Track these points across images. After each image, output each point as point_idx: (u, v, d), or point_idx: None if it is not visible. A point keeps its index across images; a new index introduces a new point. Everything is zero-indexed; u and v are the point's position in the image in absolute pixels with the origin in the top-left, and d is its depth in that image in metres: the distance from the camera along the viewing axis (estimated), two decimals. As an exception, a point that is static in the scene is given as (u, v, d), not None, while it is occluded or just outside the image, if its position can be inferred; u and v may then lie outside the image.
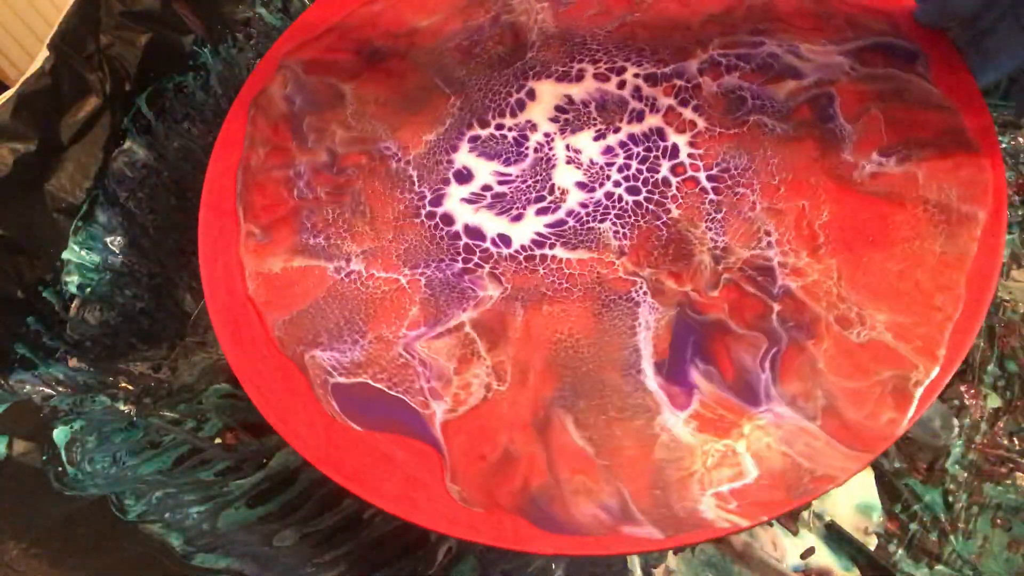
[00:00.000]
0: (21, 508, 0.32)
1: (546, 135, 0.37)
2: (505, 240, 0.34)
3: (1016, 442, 0.39)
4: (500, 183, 0.36)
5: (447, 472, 0.29)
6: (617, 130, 0.36)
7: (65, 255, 0.42)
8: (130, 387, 0.43)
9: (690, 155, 0.35)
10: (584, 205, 0.34)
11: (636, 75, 0.37)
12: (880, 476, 0.38)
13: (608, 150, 0.36)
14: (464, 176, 0.36)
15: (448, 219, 0.35)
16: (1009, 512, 0.37)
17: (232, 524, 0.36)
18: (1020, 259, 0.43)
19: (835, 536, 0.37)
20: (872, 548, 0.37)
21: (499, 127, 0.38)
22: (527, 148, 0.36)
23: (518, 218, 0.35)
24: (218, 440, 0.42)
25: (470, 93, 0.39)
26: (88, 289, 0.44)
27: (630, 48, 0.38)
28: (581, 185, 0.35)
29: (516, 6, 0.41)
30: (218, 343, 0.34)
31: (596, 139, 0.36)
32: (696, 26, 0.38)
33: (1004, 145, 0.46)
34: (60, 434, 0.36)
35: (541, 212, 0.35)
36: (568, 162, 0.36)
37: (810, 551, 0.37)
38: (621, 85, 0.37)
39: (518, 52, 0.40)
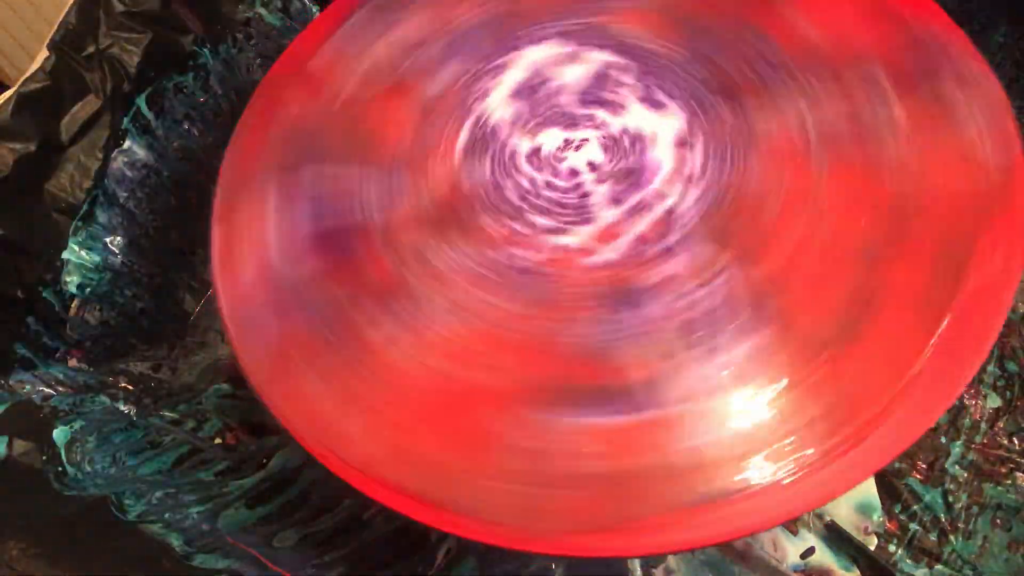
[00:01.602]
0: (21, 508, 0.32)
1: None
2: None
3: (1016, 442, 0.39)
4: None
5: None
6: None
7: (65, 255, 0.42)
8: (130, 387, 0.43)
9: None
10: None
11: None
12: (880, 476, 0.38)
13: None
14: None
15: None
16: (1009, 512, 0.37)
17: (232, 524, 0.36)
18: (1020, 259, 0.43)
19: (835, 536, 0.37)
20: (872, 548, 0.37)
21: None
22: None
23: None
24: (218, 440, 0.42)
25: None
26: (88, 289, 0.44)
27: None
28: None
29: None
30: (218, 343, 0.34)
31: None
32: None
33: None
34: (60, 434, 0.36)
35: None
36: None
37: (810, 551, 0.37)
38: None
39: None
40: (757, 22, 0.37)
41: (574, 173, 0.35)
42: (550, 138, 0.36)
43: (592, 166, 0.35)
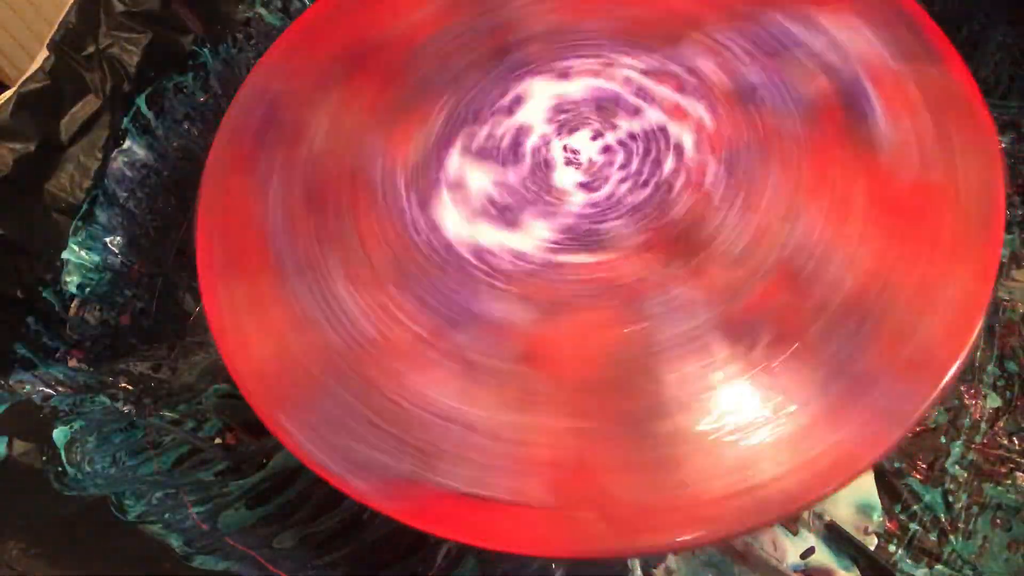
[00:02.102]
0: (21, 508, 0.32)
1: (542, 137, 0.36)
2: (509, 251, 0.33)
3: (1016, 442, 0.39)
4: (497, 188, 0.35)
5: None
6: (615, 128, 0.36)
7: (65, 255, 0.42)
8: (130, 387, 0.43)
9: (696, 149, 0.34)
10: (592, 206, 0.34)
11: (632, 68, 0.37)
12: (880, 476, 0.38)
13: (607, 149, 0.35)
14: (455, 184, 0.35)
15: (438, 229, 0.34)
16: (1009, 512, 0.37)
17: (232, 525, 0.36)
18: (1020, 259, 0.43)
19: (835, 536, 0.37)
20: (872, 548, 0.37)
21: (492, 131, 0.37)
22: (523, 151, 0.36)
23: (515, 224, 0.34)
24: (218, 440, 0.42)
25: (460, 95, 0.37)
26: (88, 289, 0.44)
27: (620, 41, 0.38)
28: (583, 186, 0.35)
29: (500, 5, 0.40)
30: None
31: (594, 139, 0.36)
32: (682, 4, 0.37)
33: (1004, 145, 0.46)
34: (60, 434, 0.36)
35: (542, 216, 0.34)
36: (567, 163, 0.35)
37: (810, 551, 0.37)
38: (616, 80, 0.37)
39: (505, 51, 0.39)
40: None
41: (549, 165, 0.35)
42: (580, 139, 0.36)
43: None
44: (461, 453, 0.28)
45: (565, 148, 0.36)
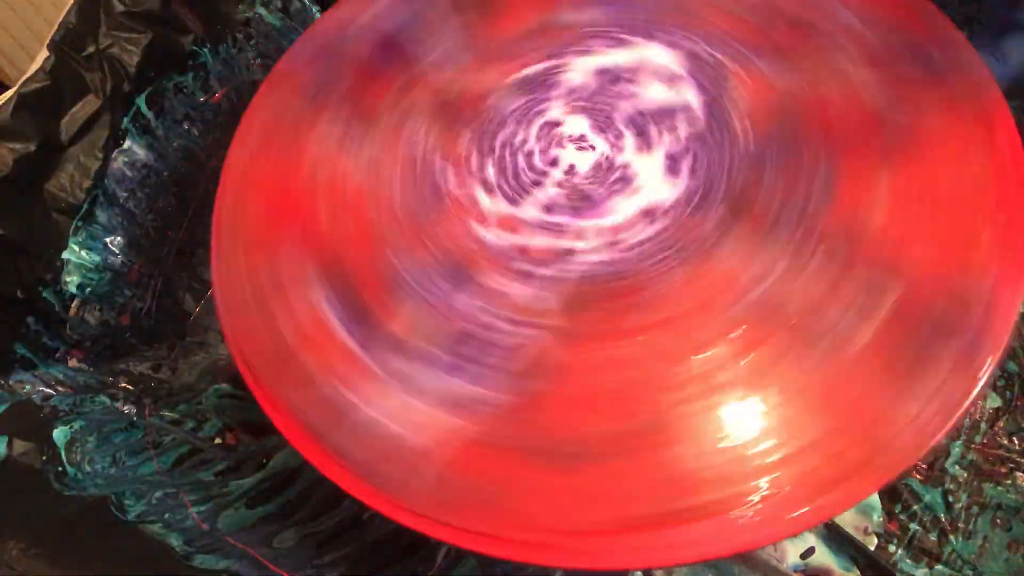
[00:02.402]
0: (21, 508, 0.32)
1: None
2: None
3: (1016, 442, 0.39)
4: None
5: None
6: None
7: (65, 255, 0.42)
8: (130, 387, 0.43)
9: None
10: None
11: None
12: (880, 476, 0.38)
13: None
14: None
15: None
16: (1009, 512, 0.37)
17: (232, 525, 0.36)
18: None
19: (835, 536, 0.37)
20: (872, 548, 0.37)
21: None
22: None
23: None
24: (218, 440, 0.42)
25: None
26: (88, 289, 0.44)
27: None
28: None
29: None
30: (218, 343, 0.34)
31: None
32: None
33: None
34: (60, 434, 0.36)
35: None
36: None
37: (810, 551, 0.37)
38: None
39: None
40: None
41: (553, 163, 0.35)
42: (575, 123, 0.36)
43: (570, 170, 0.35)
44: None
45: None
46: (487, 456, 0.29)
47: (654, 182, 0.34)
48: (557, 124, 0.37)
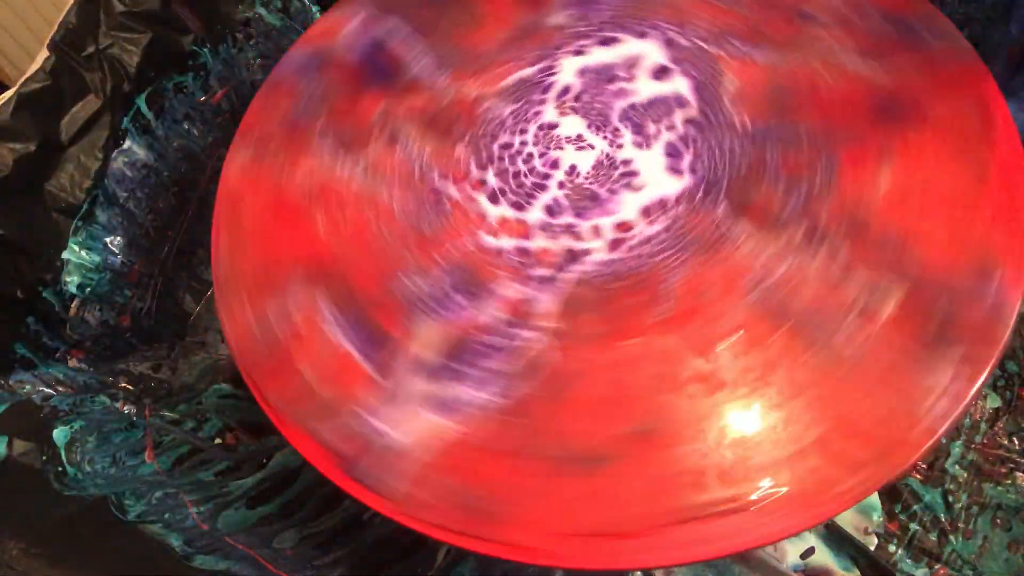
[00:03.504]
0: (21, 508, 0.32)
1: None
2: None
3: (1016, 442, 0.39)
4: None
5: None
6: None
7: (65, 255, 0.42)
8: (130, 387, 0.43)
9: None
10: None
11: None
12: (880, 476, 0.38)
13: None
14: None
15: None
16: (1009, 512, 0.37)
17: (232, 525, 0.36)
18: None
19: (835, 536, 0.37)
20: (872, 548, 0.37)
21: None
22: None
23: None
24: (218, 440, 0.42)
25: None
26: (88, 289, 0.44)
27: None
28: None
29: None
30: (217, 343, 0.34)
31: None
32: None
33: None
34: (60, 434, 0.36)
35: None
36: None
37: (810, 551, 0.37)
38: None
39: None
40: None
41: (554, 165, 0.35)
42: (571, 124, 0.36)
43: (571, 170, 0.35)
44: None
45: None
46: (484, 459, 0.29)
47: (656, 176, 0.34)
48: (553, 127, 0.37)
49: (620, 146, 0.35)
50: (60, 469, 0.35)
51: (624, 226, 0.33)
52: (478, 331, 0.31)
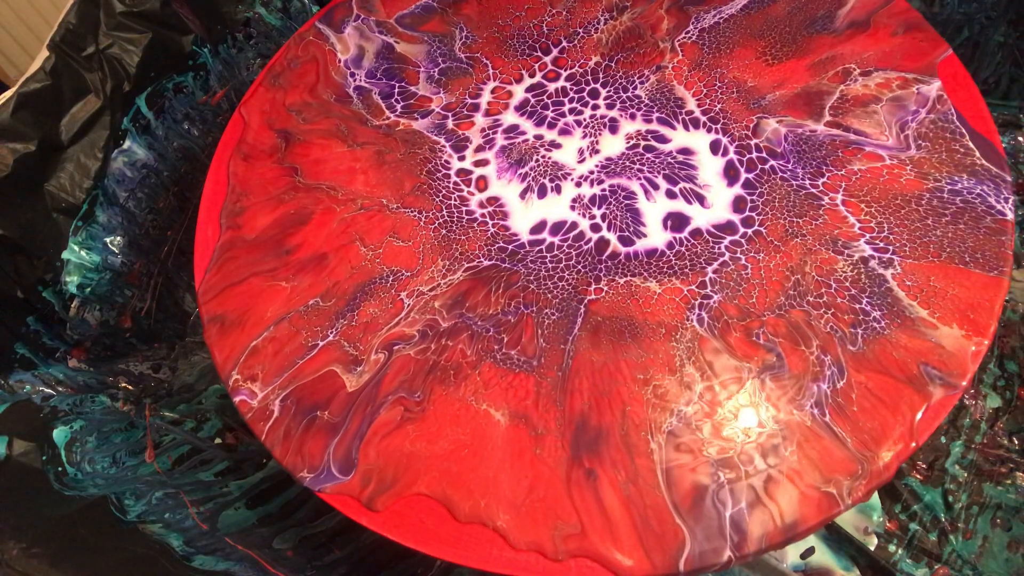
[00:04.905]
0: (21, 508, 0.32)
1: None
2: None
3: (1016, 442, 0.39)
4: None
5: None
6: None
7: (65, 255, 0.42)
8: (130, 387, 0.43)
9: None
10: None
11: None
12: (880, 476, 0.38)
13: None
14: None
15: None
16: (1009, 512, 0.37)
17: (232, 525, 0.36)
18: (1020, 259, 0.43)
19: (835, 536, 0.37)
20: (872, 548, 0.37)
21: None
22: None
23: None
24: (218, 440, 0.42)
25: None
26: (88, 289, 0.44)
27: None
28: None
29: None
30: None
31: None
32: None
33: (1004, 144, 0.46)
34: (60, 434, 0.36)
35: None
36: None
37: (810, 551, 0.37)
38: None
39: None
40: None
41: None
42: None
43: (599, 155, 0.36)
44: None
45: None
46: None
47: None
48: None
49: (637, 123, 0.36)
50: (60, 469, 0.35)
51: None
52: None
